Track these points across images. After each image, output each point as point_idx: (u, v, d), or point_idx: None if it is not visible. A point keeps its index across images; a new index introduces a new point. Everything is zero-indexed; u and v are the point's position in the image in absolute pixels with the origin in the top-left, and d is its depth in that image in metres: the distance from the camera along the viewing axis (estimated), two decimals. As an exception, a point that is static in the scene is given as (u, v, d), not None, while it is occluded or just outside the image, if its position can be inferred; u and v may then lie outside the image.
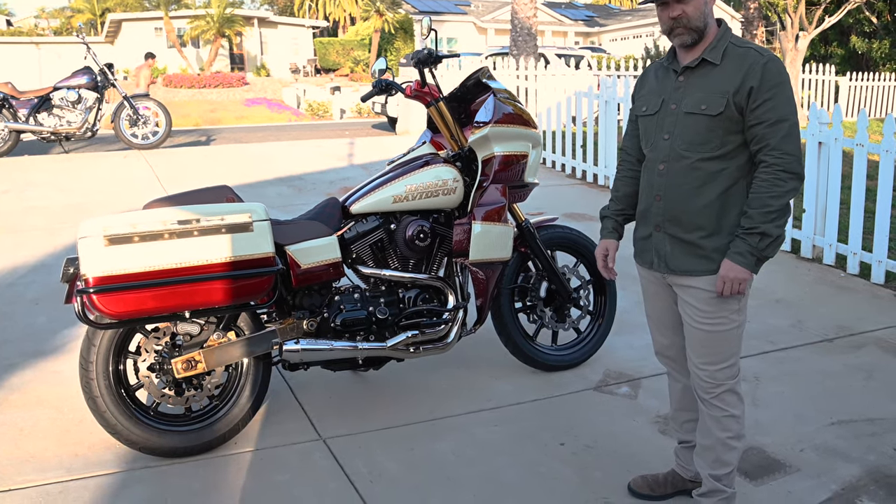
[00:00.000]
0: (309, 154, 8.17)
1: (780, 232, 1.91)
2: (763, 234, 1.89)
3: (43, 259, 4.61)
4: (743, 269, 1.91)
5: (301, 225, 2.62)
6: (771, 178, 1.89)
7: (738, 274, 1.92)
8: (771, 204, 1.89)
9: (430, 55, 2.82)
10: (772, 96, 1.88)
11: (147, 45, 27.03)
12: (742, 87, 1.90)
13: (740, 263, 1.91)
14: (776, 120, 1.88)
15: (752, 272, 1.93)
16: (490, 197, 2.81)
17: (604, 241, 2.28)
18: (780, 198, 1.89)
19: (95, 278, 2.16)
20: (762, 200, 1.89)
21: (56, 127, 7.63)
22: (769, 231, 1.89)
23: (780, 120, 1.88)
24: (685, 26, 1.95)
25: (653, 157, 2.07)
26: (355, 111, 20.20)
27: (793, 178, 1.90)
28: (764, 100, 1.88)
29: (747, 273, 1.92)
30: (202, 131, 12.75)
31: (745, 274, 1.92)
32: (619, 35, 32.65)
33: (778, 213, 1.89)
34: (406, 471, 2.50)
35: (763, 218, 1.89)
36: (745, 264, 1.91)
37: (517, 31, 11.54)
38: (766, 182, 1.90)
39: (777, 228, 1.90)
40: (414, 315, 2.77)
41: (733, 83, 1.91)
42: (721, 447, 2.07)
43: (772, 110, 1.88)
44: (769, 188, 1.89)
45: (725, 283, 1.93)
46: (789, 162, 1.88)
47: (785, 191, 1.89)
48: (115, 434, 2.43)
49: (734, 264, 1.92)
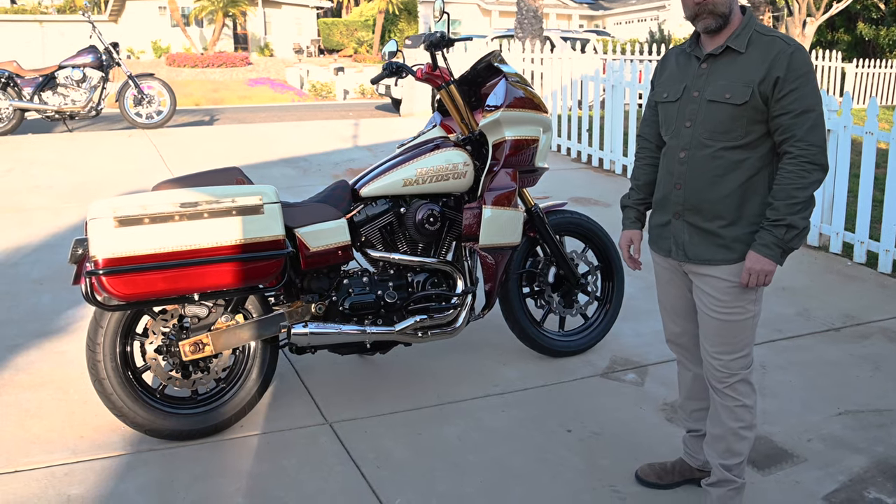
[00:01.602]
0: (313, 135, 8.11)
1: (805, 223, 1.90)
2: (789, 226, 1.88)
3: (47, 239, 4.59)
4: (769, 261, 1.90)
5: (310, 207, 2.59)
6: (797, 169, 1.87)
7: (765, 266, 1.90)
8: (796, 196, 1.87)
9: (443, 38, 2.78)
10: (798, 86, 1.85)
11: (151, 23, 26.87)
12: (768, 76, 1.86)
13: (767, 255, 1.89)
14: (802, 110, 1.85)
15: (778, 263, 1.91)
16: (501, 181, 2.78)
17: (627, 231, 2.25)
18: (806, 189, 1.87)
19: (105, 259, 2.14)
20: (787, 192, 1.87)
21: (60, 106, 7.57)
22: (795, 223, 1.87)
23: (806, 110, 1.85)
24: (711, 11, 1.91)
25: (673, 144, 2.04)
26: (359, 92, 20.07)
27: (818, 169, 1.87)
28: (790, 90, 1.85)
29: (773, 265, 1.90)
30: (205, 111, 12.67)
31: (771, 266, 1.90)
32: (624, 19, 32.35)
33: (803, 205, 1.88)
34: (412, 456, 2.50)
35: (789, 210, 1.87)
36: (772, 256, 1.89)
37: (523, 13, 11.41)
38: (791, 173, 1.87)
39: (803, 220, 1.89)
40: (422, 299, 2.75)
41: (759, 72, 1.88)
42: (732, 437, 2.06)
43: (798, 101, 1.85)
44: (795, 179, 1.87)
45: (752, 275, 1.92)
46: (815, 153, 1.86)
47: (810, 182, 1.87)
48: (122, 416, 2.43)
49: (760, 256, 1.90)
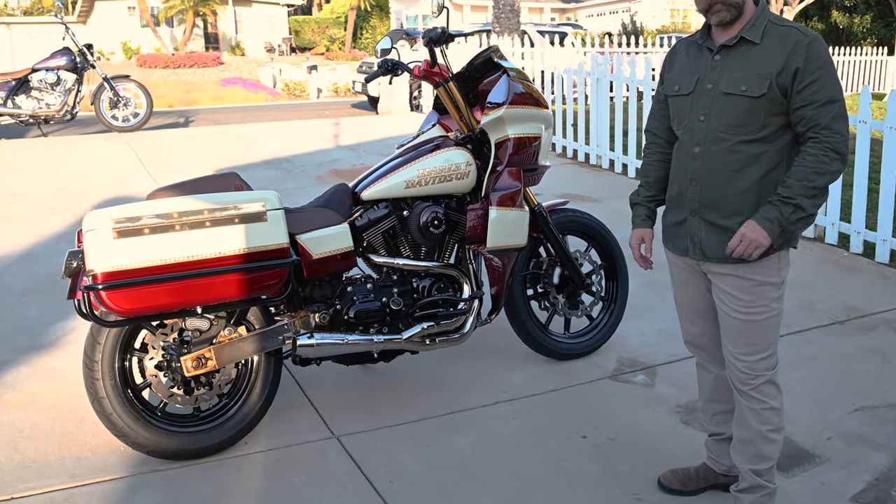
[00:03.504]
0: (294, 135, 7.97)
1: (813, 210, 1.83)
2: (797, 207, 1.81)
3: (28, 248, 4.42)
4: (765, 233, 1.82)
5: (311, 213, 2.49)
6: (819, 154, 1.80)
7: (758, 237, 1.82)
8: (814, 180, 1.80)
9: (444, 34, 2.69)
10: (818, 77, 1.80)
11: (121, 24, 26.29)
12: (786, 67, 1.81)
13: (765, 227, 1.82)
14: (826, 101, 1.80)
15: (773, 241, 1.83)
16: (505, 181, 2.71)
17: (638, 230, 2.19)
18: (824, 175, 1.81)
19: (104, 273, 2.02)
20: (805, 174, 1.81)
21: (35, 110, 7.33)
22: (804, 205, 1.81)
23: (830, 101, 1.80)
24: (724, 2, 1.85)
25: (687, 139, 1.98)
26: (332, 90, 19.86)
27: (839, 159, 1.82)
28: (811, 81, 1.80)
29: (767, 239, 1.82)
30: (179, 112, 12.43)
31: (765, 239, 1.82)
32: (595, 11, 32.42)
33: (818, 191, 1.81)
34: (426, 468, 2.42)
35: (802, 191, 1.80)
36: (770, 230, 1.82)
37: (500, 7, 11.31)
38: (813, 157, 1.81)
39: (813, 206, 1.82)
40: (429, 305, 2.66)
41: (776, 64, 1.82)
42: (761, 440, 2.01)
43: (820, 91, 1.80)
44: (815, 164, 1.80)
45: (742, 242, 1.84)
46: (839, 142, 1.80)
47: (830, 170, 1.81)
48: (123, 437, 2.31)
49: (758, 226, 1.82)
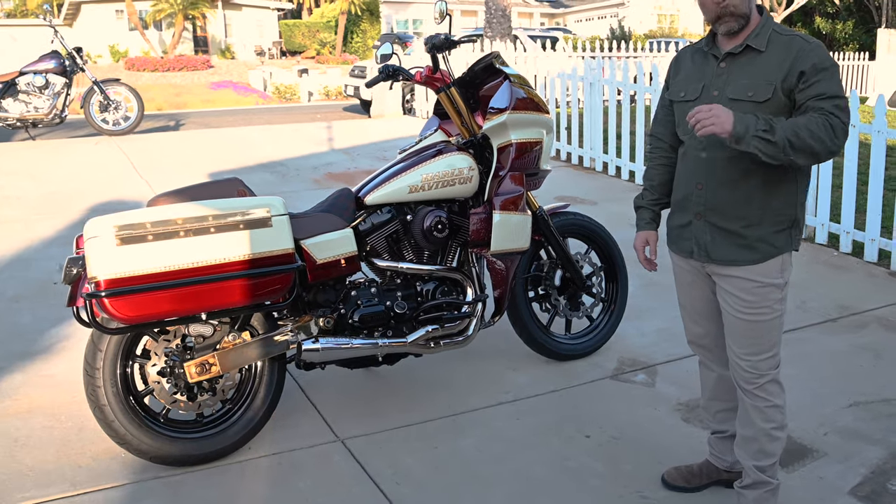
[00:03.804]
0: (287, 138, 7.95)
1: (783, 145, 1.73)
2: (770, 129, 1.73)
3: (20, 253, 4.38)
4: (731, 123, 1.72)
5: (315, 218, 2.49)
6: (820, 122, 1.75)
7: (725, 120, 1.71)
8: (801, 132, 1.73)
9: (447, 40, 2.71)
10: (822, 79, 1.82)
11: (108, 27, 26.10)
12: (791, 72, 1.83)
13: (735, 119, 1.73)
14: (831, 95, 1.80)
15: (731, 134, 1.73)
16: (507, 186, 2.72)
17: (642, 232, 2.21)
18: (814, 138, 1.74)
19: (107, 280, 2.01)
20: (799, 123, 1.75)
21: (23, 113, 7.27)
22: (777, 135, 1.73)
23: (834, 96, 1.80)
24: (732, 13, 1.88)
25: (693, 144, 2.00)
26: (323, 94, 19.84)
27: (835, 141, 1.76)
28: (815, 81, 1.82)
29: (727, 127, 1.72)
30: (169, 116, 12.36)
31: (727, 125, 1.72)
32: (584, 16, 32.63)
33: (796, 143, 1.73)
34: (432, 470, 2.42)
35: (786, 128, 1.73)
36: (736, 125, 1.72)
37: (491, 12, 11.36)
38: (813, 121, 1.76)
39: (781, 142, 1.73)
40: (432, 309, 2.67)
41: (781, 70, 1.85)
42: (765, 438, 2.04)
43: (824, 90, 1.81)
44: (811, 124, 1.74)
45: (702, 111, 1.74)
46: (840, 127, 1.77)
47: (820, 137, 1.74)
48: (125, 444, 2.30)
49: (731, 115, 1.73)
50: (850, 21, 19.87)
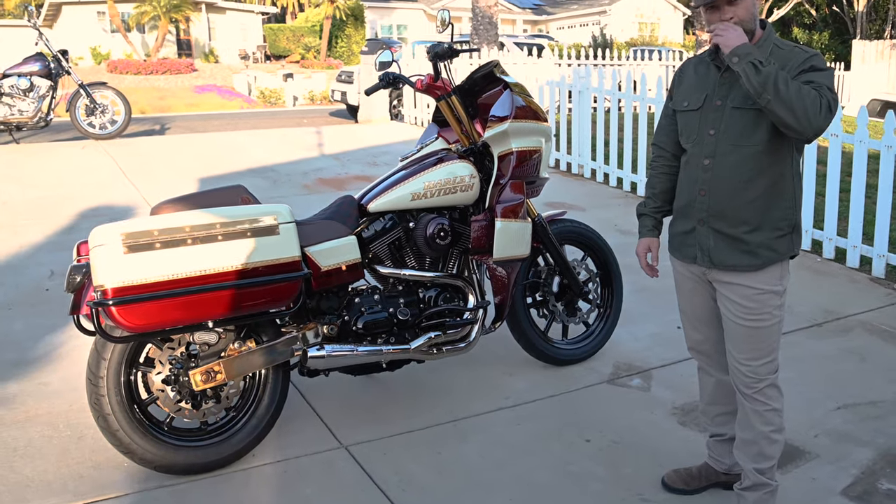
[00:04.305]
0: (276, 143, 7.93)
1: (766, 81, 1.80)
2: (766, 64, 1.80)
3: (9, 259, 4.33)
4: (736, 43, 1.85)
5: (319, 225, 2.51)
6: (815, 94, 1.81)
7: (730, 37, 1.85)
8: (794, 87, 1.79)
9: (448, 48, 2.74)
10: (814, 78, 1.87)
11: (89, 29, 25.80)
12: (791, 72, 1.89)
13: (740, 43, 1.85)
14: (820, 85, 1.85)
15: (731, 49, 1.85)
16: (508, 194, 2.76)
17: (645, 239, 2.26)
18: (799, 99, 1.78)
19: (114, 289, 2.01)
20: (797, 84, 1.81)
21: (7, 116, 7.17)
22: (769, 70, 1.79)
23: (826, 87, 1.85)
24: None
25: (696, 151, 2.05)
26: (308, 98, 19.81)
27: (817, 115, 1.80)
28: (811, 74, 1.87)
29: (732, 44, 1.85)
30: (154, 119, 12.25)
31: (731, 41, 1.85)
32: (567, 23, 32.91)
33: (785, 93, 1.78)
34: (436, 476, 2.44)
35: (782, 79, 1.79)
36: (741, 46, 1.85)
37: (478, 19, 11.43)
38: (808, 88, 1.81)
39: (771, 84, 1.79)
40: (435, 315, 2.70)
41: None
42: (764, 441, 2.09)
43: (819, 80, 1.86)
44: (807, 91, 1.81)
45: (720, 26, 1.88)
46: (826, 106, 1.81)
47: (806, 105, 1.79)
48: (129, 453, 2.29)
49: (740, 38, 1.85)
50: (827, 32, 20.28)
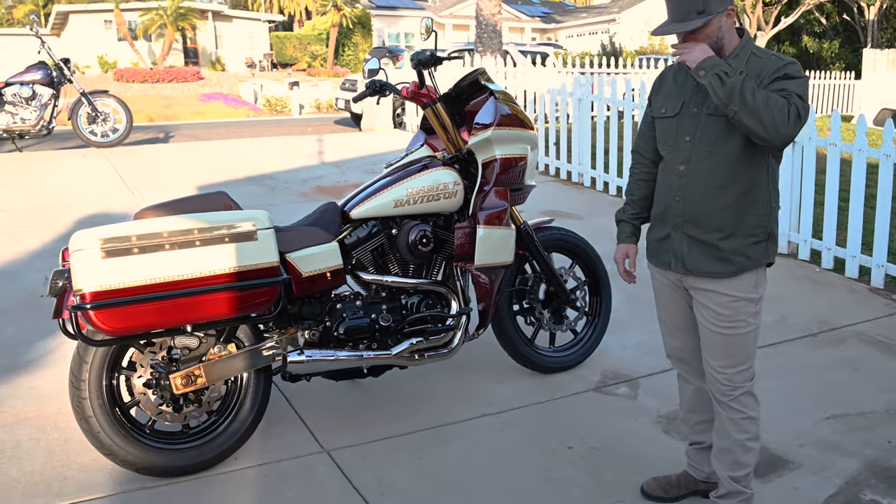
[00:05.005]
0: (277, 151, 7.98)
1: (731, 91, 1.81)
2: (732, 76, 1.81)
3: (6, 265, 4.38)
4: (700, 59, 1.86)
5: (301, 231, 2.53)
6: (783, 103, 1.82)
7: (693, 55, 1.87)
8: (761, 97, 1.80)
9: (433, 56, 2.76)
10: (790, 82, 1.88)
11: (96, 37, 26.07)
12: (763, 80, 1.90)
13: (704, 58, 1.86)
14: (796, 93, 1.86)
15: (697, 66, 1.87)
16: (492, 201, 2.77)
17: (623, 245, 2.27)
18: (767, 109, 1.79)
19: (92, 293, 2.03)
20: (764, 92, 1.82)
21: (9, 124, 7.25)
22: (734, 81, 1.80)
23: (797, 95, 1.85)
24: None
25: (672, 158, 2.06)
26: (314, 106, 19.89)
27: (785, 124, 1.80)
28: (783, 82, 1.88)
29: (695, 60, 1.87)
30: (159, 127, 12.36)
31: (695, 57, 1.87)
32: (575, 32, 32.99)
33: (753, 103, 1.80)
34: (417, 481, 2.45)
35: (749, 88, 1.80)
36: (706, 60, 1.86)
37: (482, 27, 11.49)
38: (776, 97, 1.82)
39: (737, 95, 1.80)
40: (417, 321, 2.71)
41: (758, 82, 1.91)
42: (739, 449, 2.08)
43: (791, 88, 1.86)
44: (775, 100, 1.81)
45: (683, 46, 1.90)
46: (795, 115, 1.82)
47: (774, 114, 1.79)
48: (111, 455, 2.31)
49: (704, 54, 1.86)
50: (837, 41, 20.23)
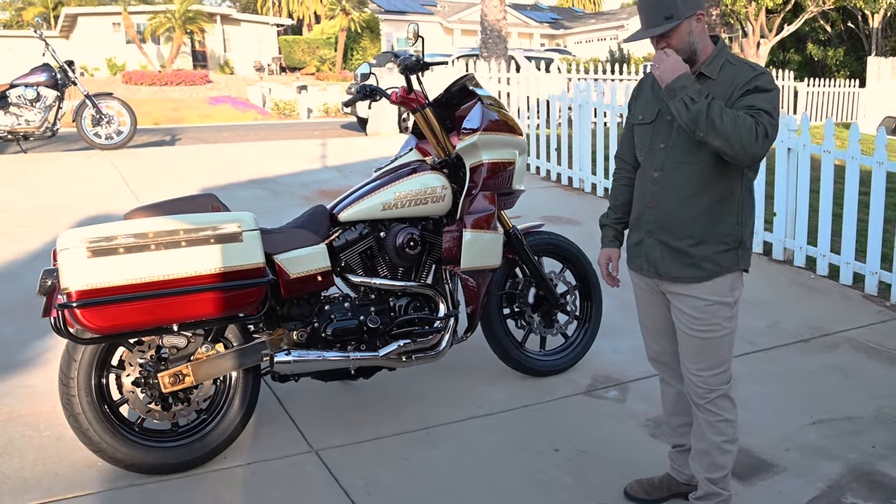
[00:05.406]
0: (281, 155, 8.03)
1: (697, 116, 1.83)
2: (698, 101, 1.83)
3: (6, 266, 4.43)
4: (671, 77, 1.87)
5: (289, 233, 2.56)
6: (751, 122, 1.83)
7: (666, 69, 1.87)
8: (729, 118, 1.81)
9: (419, 62, 2.80)
10: (759, 97, 1.89)
11: (105, 40, 26.31)
12: (734, 93, 1.93)
13: (676, 76, 1.86)
14: (764, 110, 1.87)
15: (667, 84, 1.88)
16: (479, 204, 2.80)
17: (605, 249, 2.30)
18: (734, 129, 1.81)
19: (78, 292, 2.07)
20: (732, 112, 1.83)
21: (14, 126, 7.33)
22: (699, 106, 1.82)
23: (766, 111, 1.87)
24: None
25: (647, 164, 2.09)
26: (322, 110, 19.98)
27: (753, 143, 1.82)
28: (753, 96, 1.90)
29: (667, 78, 1.88)
30: (166, 130, 12.44)
31: (666, 76, 1.88)
32: (584, 38, 33.00)
33: (720, 125, 1.81)
34: (403, 481, 2.47)
35: (716, 111, 1.81)
36: (676, 80, 1.86)
37: (487, 33, 11.55)
38: (744, 116, 1.84)
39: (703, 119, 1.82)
40: (405, 324, 2.73)
41: (727, 92, 1.94)
42: (716, 451, 2.10)
43: (760, 104, 1.88)
44: (743, 119, 1.82)
45: (659, 57, 1.90)
46: (763, 134, 1.84)
47: (741, 134, 1.81)
48: (99, 452, 2.34)
49: (678, 70, 1.87)
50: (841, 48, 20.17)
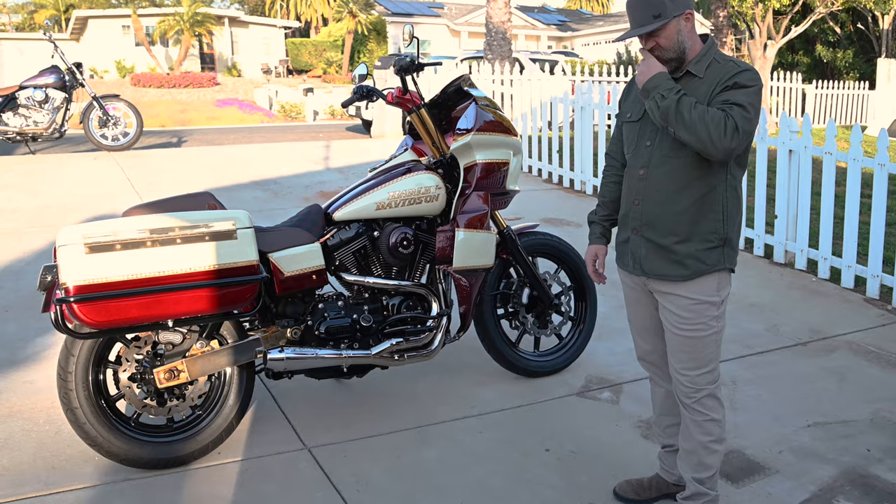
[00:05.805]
0: (284, 157, 8.09)
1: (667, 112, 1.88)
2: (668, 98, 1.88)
3: (12, 264, 4.49)
4: (647, 78, 1.93)
5: (284, 232, 2.60)
6: (721, 116, 1.85)
7: (644, 73, 1.94)
8: (697, 113, 1.84)
9: (413, 62, 2.82)
10: (738, 92, 1.90)
11: (114, 42, 26.54)
12: (715, 88, 1.95)
13: (651, 77, 1.93)
14: (739, 104, 1.88)
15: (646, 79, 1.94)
16: (472, 204, 2.82)
17: (592, 246, 2.32)
18: (703, 124, 1.84)
19: (76, 287, 2.11)
20: (703, 108, 1.86)
21: (22, 127, 7.42)
22: (668, 102, 1.87)
23: (741, 105, 1.88)
24: (659, 56, 2.00)
25: (634, 162, 2.11)
26: (328, 113, 20.06)
27: (722, 138, 1.84)
28: (732, 92, 1.91)
29: (643, 80, 1.94)
30: (172, 132, 12.54)
31: (643, 78, 1.95)
32: (592, 40, 32.96)
33: (689, 120, 1.85)
34: (393, 479, 2.49)
35: (686, 106, 1.85)
36: (650, 81, 1.93)
37: (492, 35, 11.58)
38: (715, 111, 1.86)
39: (672, 115, 1.87)
40: (398, 322, 2.76)
41: (711, 90, 1.96)
42: (703, 451, 2.11)
43: (736, 99, 1.89)
44: (712, 115, 1.85)
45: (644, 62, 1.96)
46: (733, 128, 1.84)
47: (710, 129, 1.83)
48: (96, 446, 2.38)
49: (655, 73, 1.93)
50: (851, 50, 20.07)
